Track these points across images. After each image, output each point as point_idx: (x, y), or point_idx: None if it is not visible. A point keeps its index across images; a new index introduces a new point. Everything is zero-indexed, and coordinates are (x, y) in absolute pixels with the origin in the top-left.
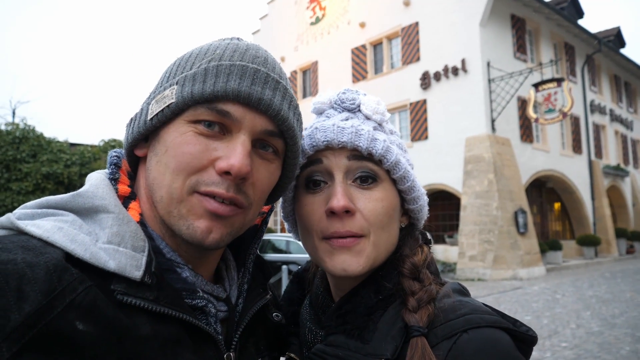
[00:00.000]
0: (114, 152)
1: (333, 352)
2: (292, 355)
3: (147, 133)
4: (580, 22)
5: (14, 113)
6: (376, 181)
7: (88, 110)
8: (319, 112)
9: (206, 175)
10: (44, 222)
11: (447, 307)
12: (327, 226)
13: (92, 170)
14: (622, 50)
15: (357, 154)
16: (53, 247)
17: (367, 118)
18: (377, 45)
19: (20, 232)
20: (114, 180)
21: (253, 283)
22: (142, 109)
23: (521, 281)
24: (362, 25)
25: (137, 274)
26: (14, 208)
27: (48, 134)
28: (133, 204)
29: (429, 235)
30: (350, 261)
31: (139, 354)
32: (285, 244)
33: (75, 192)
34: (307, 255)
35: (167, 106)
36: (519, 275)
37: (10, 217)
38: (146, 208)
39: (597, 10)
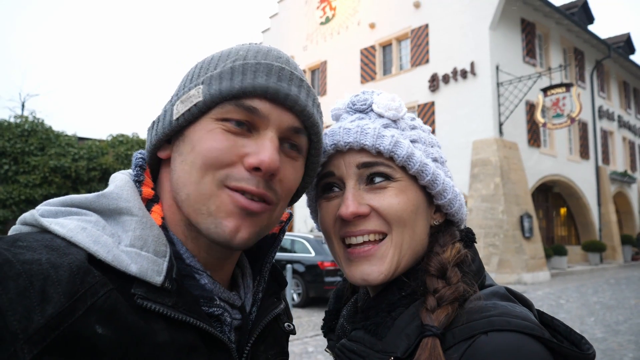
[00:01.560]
0: (139, 153)
1: (350, 347)
2: (328, 350)
3: (171, 134)
4: (591, 27)
5: (23, 106)
6: (390, 180)
7: (97, 104)
8: (336, 118)
9: (235, 171)
10: (68, 221)
11: (475, 308)
12: (340, 229)
13: (100, 165)
14: (632, 57)
15: (367, 160)
16: (76, 248)
17: (380, 116)
18: (386, 47)
19: (44, 230)
20: (138, 182)
21: (267, 292)
22: (165, 111)
23: (525, 286)
24: (372, 26)
25: (158, 279)
26: (21, 200)
27: (56, 127)
28: (156, 207)
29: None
30: (370, 270)
31: (156, 359)
32: (290, 243)
33: (100, 192)
34: (311, 255)
35: (194, 105)
36: (524, 280)
37: (34, 214)
38: (169, 211)
39: (608, 16)
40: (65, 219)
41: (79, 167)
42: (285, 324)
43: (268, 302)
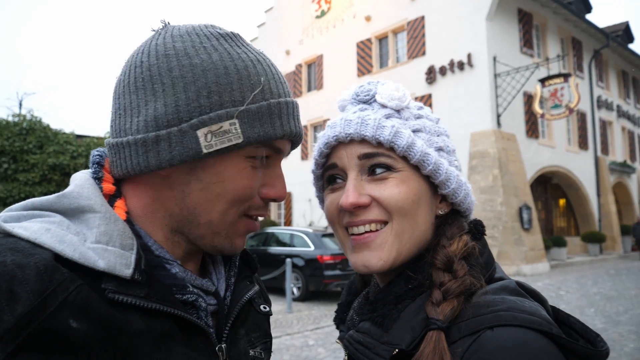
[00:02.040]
0: (96, 151)
1: (357, 338)
2: (338, 341)
3: (195, 161)
4: (588, 16)
5: (20, 104)
6: (391, 171)
7: (94, 102)
8: (342, 109)
9: (254, 201)
10: (31, 223)
11: (482, 302)
12: (344, 218)
13: None
14: (631, 46)
15: (368, 151)
16: (42, 248)
17: (383, 106)
18: (382, 39)
19: (8, 235)
20: (97, 179)
21: (240, 276)
22: (181, 132)
23: (525, 277)
24: (368, 18)
25: (127, 272)
26: (21, 199)
27: (55, 125)
28: (119, 202)
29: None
30: (370, 256)
31: (134, 349)
32: (290, 238)
33: (60, 193)
34: (310, 249)
35: (234, 145)
36: (523, 271)
37: None
38: (143, 209)
39: (606, 5)
40: (28, 222)
41: (77, 164)
42: (261, 306)
43: (241, 285)
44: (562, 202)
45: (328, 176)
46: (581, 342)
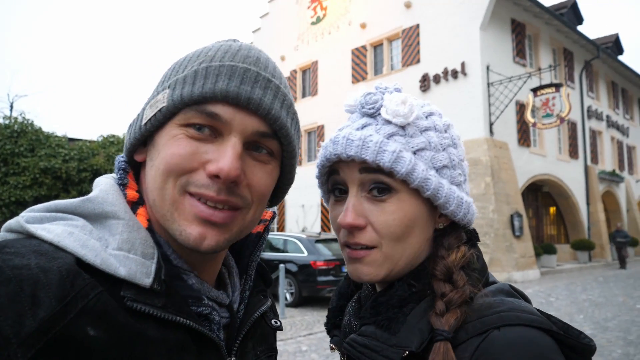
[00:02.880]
0: (121, 157)
1: (362, 342)
2: (333, 345)
3: (143, 138)
4: (580, 28)
5: (11, 107)
6: (390, 192)
7: (87, 105)
8: (350, 113)
9: (196, 177)
10: (54, 226)
11: (483, 304)
12: (343, 235)
13: (91, 166)
14: (620, 57)
15: (368, 166)
16: (64, 252)
17: (388, 122)
18: (377, 47)
19: (30, 236)
20: (122, 185)
21: (254, 290)
22: (138, 115)
23: (516, 284)
24: (363, 26)
25: (147, 281)
26: (11, 202)
27: (46, 128)
28: (141, 210)
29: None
30: (362, 270)
31: (147, 359)
32: (283, 243)
33: (84, 197)
34: (304, 254)
35: (159, 110)
36: (514, 278)
37: (19, 221)
38: (152, 214)
39: (597, 17)
40: (51, 225)
41: (69, 168)
42: (272, 321)
43: (255, 299)
44: (552, 210)
45: (332, 186)
46: (578, 337)
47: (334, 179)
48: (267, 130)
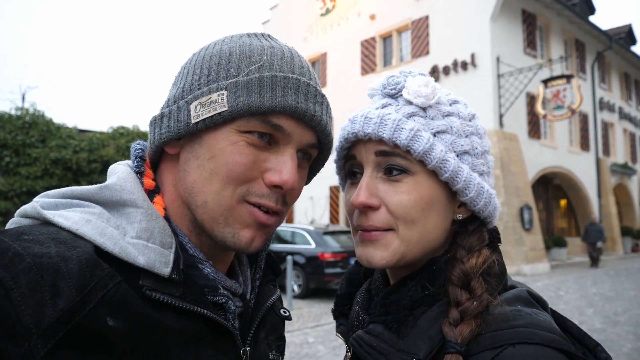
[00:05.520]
0: (138, 144)
1: (369, 341)
2: (339, 335)
3: (186, 134)
4: (592, 18)
5: (23, 98)
6: (406, 173)
7: (97, 97)
8: (371, 97)
9: (256, 187)
10: (72, 213)
11: (500, 315)
12: (356, 217)
13: (101, 157)
14: (633, 48)
15: (384, 149)
16: (83, 240)
17: (409, 103)
18: (386, 38)
19: (46, 223)
20: (139, 173)
21: (264, 280)
22: (178, 107)
23: (525, 277)
24: (372, 17)
25: (165, 270)
26: (22, 193)
27: (57, 119)
28: (157, 198)
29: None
30: (374, 254)
31: (165, 349)
32: (291, 235)
33: (102, 184)
34: (311, 246)
35: (219, 114)
36: (523, 271)
37: (35, 207)
38: (172, 204)
39: (609, 7)
40: (67, 211)
41: (80, 159)
42: (281, 310)
43: (265, 289)
44: (563, 202)
45: (348, 169)
46: (590, 356)
47: (351, 163)
48: (316, 142)
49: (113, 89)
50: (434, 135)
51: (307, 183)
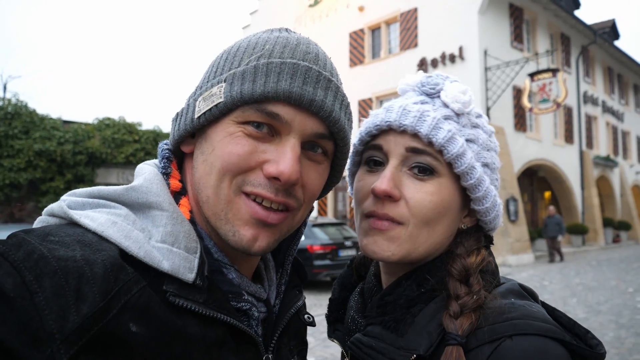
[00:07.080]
0: (165, 144)
1: (368, 343)
2: (335, 340)
3: (193, 131)
4: (577, 13)
5: (5, 88)
6: (432, 174)
7: (82, 87)
8: (402, 93)
9: (253, 176)
10: (98, 214)
11: (495, 309)
12: (370, 204)
13: (86, 148)
14: (617, 43)
15: (417, 146)
16: (108, 243)
17: (445, 105)
18: (375, 30)
19: (72, 223)
20: (165, 174)
21: (290, 285)
22: (188, 105)
23: (510, 268)
24: (361, 9)
25: (190, 276)
26: (5, 185)
27: (41, 110)
28: (183, 200)
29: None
30: (381, 244)
31: (187, 356)
32: None
33: (128, 185)
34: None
35: (215, 105)
36: (508, 262)
37: (62, 206)
38: (194, 206)
39: (594, 2)
40: (94, 212)
41: (64, 150)
42: (305, 316)
43: (291, 294)
44: (547, 194)
45: (368, 157)
46: (583, 344)
47: (372, 152)
48: (325, 132)
49: (98, 79)
50: (466, 142)
51: (336, 181)
